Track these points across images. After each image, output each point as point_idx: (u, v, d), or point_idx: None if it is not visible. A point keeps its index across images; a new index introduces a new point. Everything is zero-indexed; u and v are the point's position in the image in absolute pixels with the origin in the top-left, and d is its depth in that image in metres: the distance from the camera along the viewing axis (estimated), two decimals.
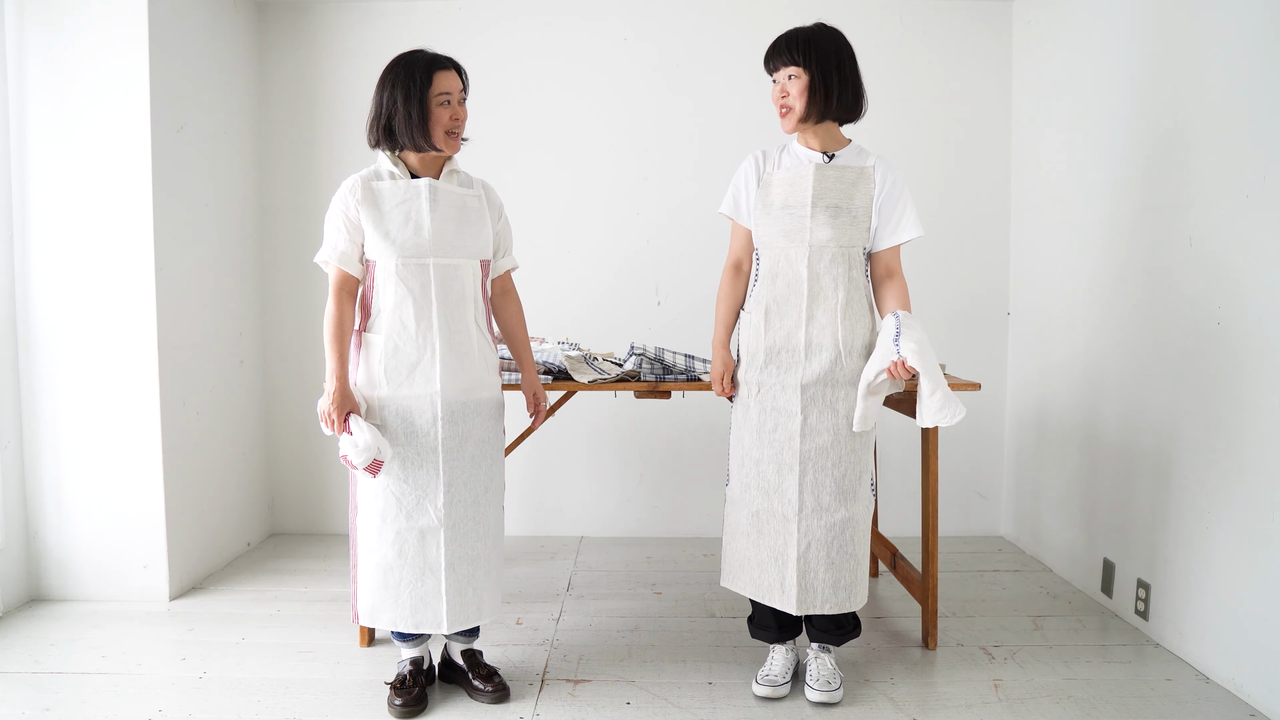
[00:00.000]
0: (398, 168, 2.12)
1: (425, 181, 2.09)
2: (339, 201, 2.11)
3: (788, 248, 2.17)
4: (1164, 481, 2.55)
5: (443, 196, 2.12)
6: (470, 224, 2.16)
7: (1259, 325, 2.18)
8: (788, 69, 2.12)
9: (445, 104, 2.07)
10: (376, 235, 2.08)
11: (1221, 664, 2.31)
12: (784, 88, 2.13)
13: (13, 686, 2.30)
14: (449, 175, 2.17)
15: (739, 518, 2.26)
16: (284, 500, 3.76)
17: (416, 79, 2.05)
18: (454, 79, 2.09)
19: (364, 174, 2.13)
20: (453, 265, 2.12)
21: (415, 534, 2.11)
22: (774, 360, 2.19)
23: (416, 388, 2.10)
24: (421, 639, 2.28)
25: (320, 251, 2.13)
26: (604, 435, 3.72)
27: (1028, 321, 3.52)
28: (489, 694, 2.22)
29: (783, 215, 2.17)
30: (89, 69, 2.81)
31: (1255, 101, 2.20)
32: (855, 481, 2.19)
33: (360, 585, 2.17)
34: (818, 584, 2.17)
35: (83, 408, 2.88)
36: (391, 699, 2.17)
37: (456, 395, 2.12)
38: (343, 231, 2.10)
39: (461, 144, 2.14)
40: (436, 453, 2.10)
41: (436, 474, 2.10)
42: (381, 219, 2.08)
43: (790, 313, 2.18)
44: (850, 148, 2.22)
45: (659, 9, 3.62)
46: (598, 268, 3.66)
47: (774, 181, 2.20)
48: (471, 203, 2.18)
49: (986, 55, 3.63)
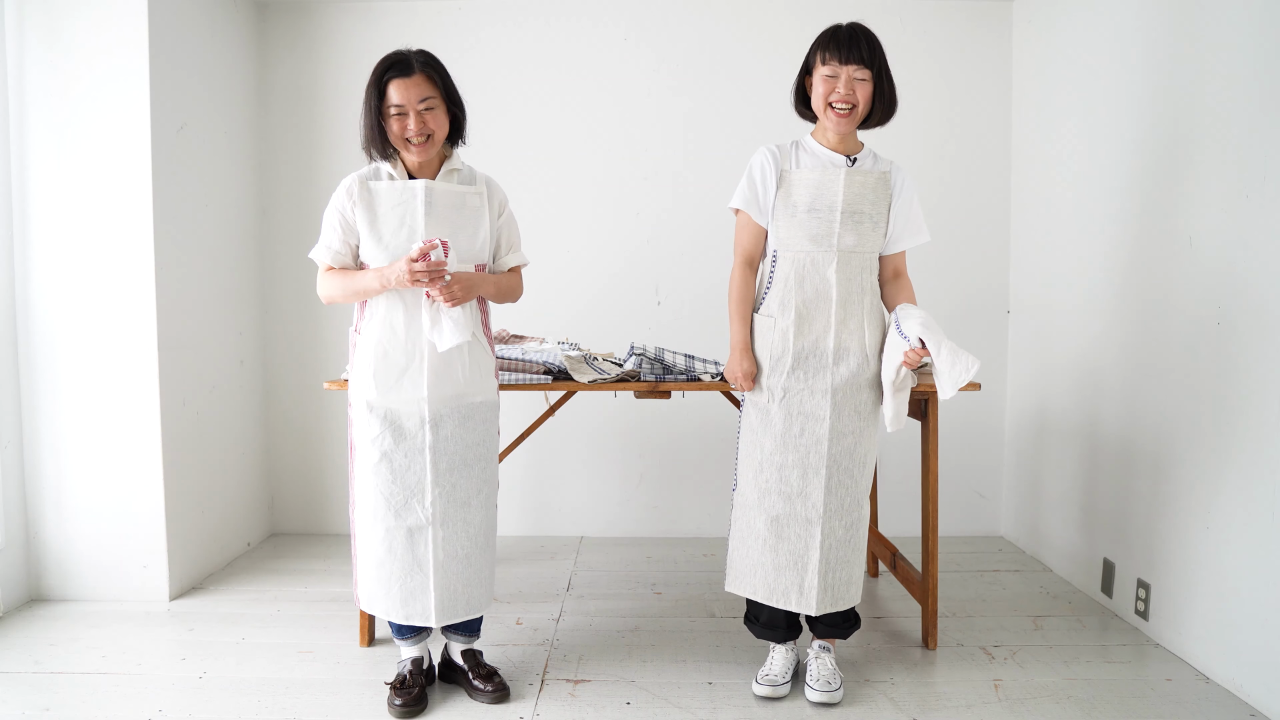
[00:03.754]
0: (396, 168, 2.11)
1: (421, 183, 2.07)
2: (336, 200, 2.11)
3: (815, 252, 2.15)
4: (1164, 481, 2.55)
5: (439, 198, 2.09)
6: (466, 226, 2.13)
7: (1259, 325, 2.18)
8: (858, 68, 2.06)
9: (399, 115, 2.02)
10: (370, 239, 2.08)
11: (1221, 664, 2.31)
12: (850, 85, 2.06)
13: (13, 686, 2.30)
14: (448, 174, 2.15)
15: (754, 523, 2.23)
16: (284, 500, 3.76)
17: (372, 91, 2.04)
18: (410, 88, 2.01)
19: (363, 173, 2.13)
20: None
21: (404, 532, 2.12)
22: (801, 365, 2.17)
23: (404, 393, 2.10)
24: (421, 638, 2.28)
25: (315, 248, 2.14)
26: (604, 435, 3.72)
27: (1028, 321, 3.52)
28: (489, 694, 2.22)
29: (809, 219, 2.13)
30: (89, 70, 2.81)
31: (1256, 101, 2.20)
32: (869, 482, 2.25)
33: (359, 573, 2.22)
34: (836, 584, 2.21)
35: (83, 408, 2.88)
36: (391, 699, 2.17)
37: (445, 400, 2.12)
38: (338, 231, 2.11)
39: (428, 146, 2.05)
40: (424, 455, 2.11)
41: (424, 475, 2.11)
42: (376, 221, 2.08)
43: (819, 317, 2.16)
44: (865, 151, 2.20)
45: (659, 10, 3.62)
46: (597, 268, 3.66)
47: (796, 181, 2.15)
48: (471, 201, 2.15)
49: (986, 55, 3.63)
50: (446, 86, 2.10)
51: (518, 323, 3.49)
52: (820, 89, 2.10)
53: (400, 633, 2.26)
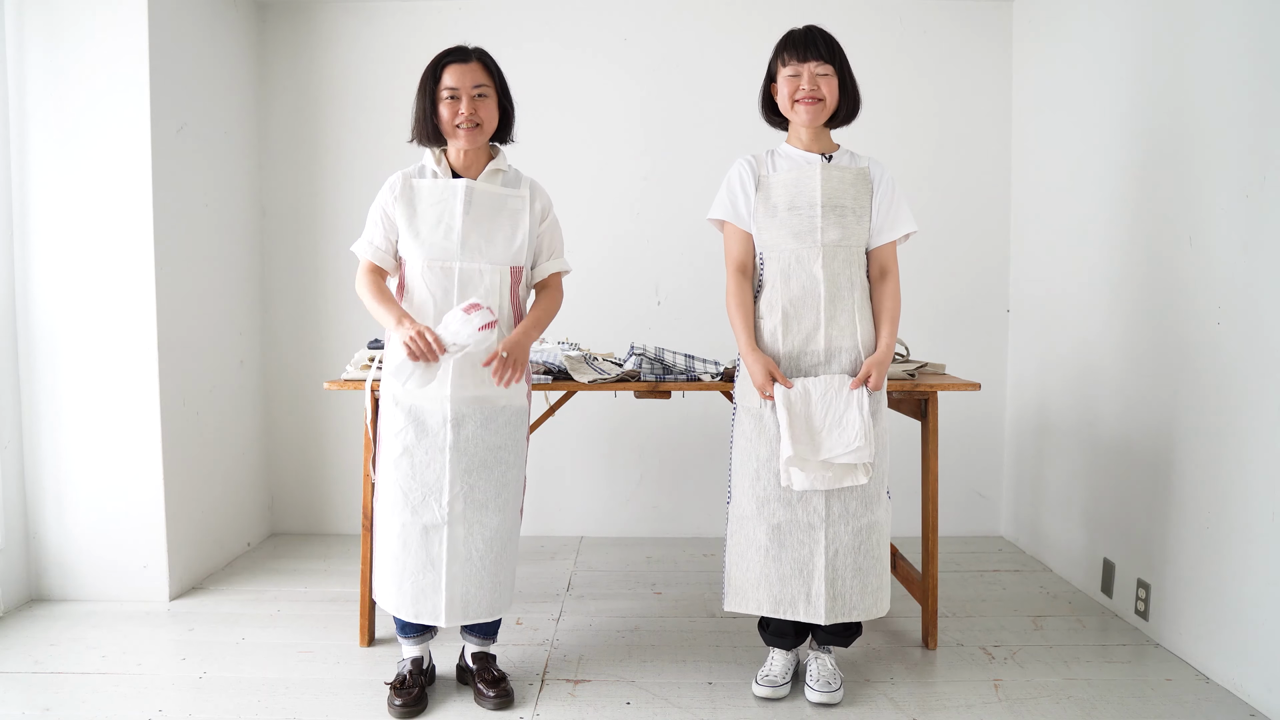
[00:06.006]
0: (440, 165, 2.15)
1: (463, 182, 2.11)
2: (381, 196, 2.16)
3: (799, 249, 2.15)
4: (1164, 481, 2.55)
5: (479, 198, 2.12)
6: (504, 228, 2.15)
7: (1259, 325, 2.18)
8: (819, 64, 2.11)
9: (451, 99, 2.08)
10: (408, 235, 2.12)
11: (1221, 664, 2.30)
12: (814, 80, 2.10)
13: (13, 686, 2.30)
14: (492, 175, 2.17)
15: (755, 535, 2.19)
16: (284, 500, 3.76)
17: (428, 77, 2.10)
18: (464, 73, 2.08)
19: (409, 170, 2.17)
20: (478, 270, 2.12)
21: (419, 529, 2.12)
22: (793, 366, 2.17)
23: (429, 389, 2.10)
24: (424, 638, 2.28)
25: (358, 241, 2.17)
26: (604, 435, 3.72)
27: (1027, 321, 3.52)
28: (491, 700, 2.20)
29: (790, 217, 2.15)
30: (89, 70, 2.80)
31: (1255, 101, 2.20)
32: (878, 486, 2.18)
33: (375, 566, 2.24)
34: (847, 592, 2.15)
35: (83, 408, 2.88)
36: (391, 699, 2.17)
37: (468, 400, 2.13)
38: (379, 227, 2.15)
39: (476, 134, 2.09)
40: (444, 453, 2.11)
41: (443, 474, 2.11)
42: (415, 218, 2.11)
43: (808, 315, 2.15)
44: (842, 150, 2.24)
45: (658, 10, 3.62)
46: (597, 268, 3.66)
47: (774, 183, 2.18)
48: (513, 204, 2.17)
49: (986, 55, 3.63)
50: (500, 80, 2.17)
51: None
52: (785, 89, 2.16)
53: (404, 631, 2.26)
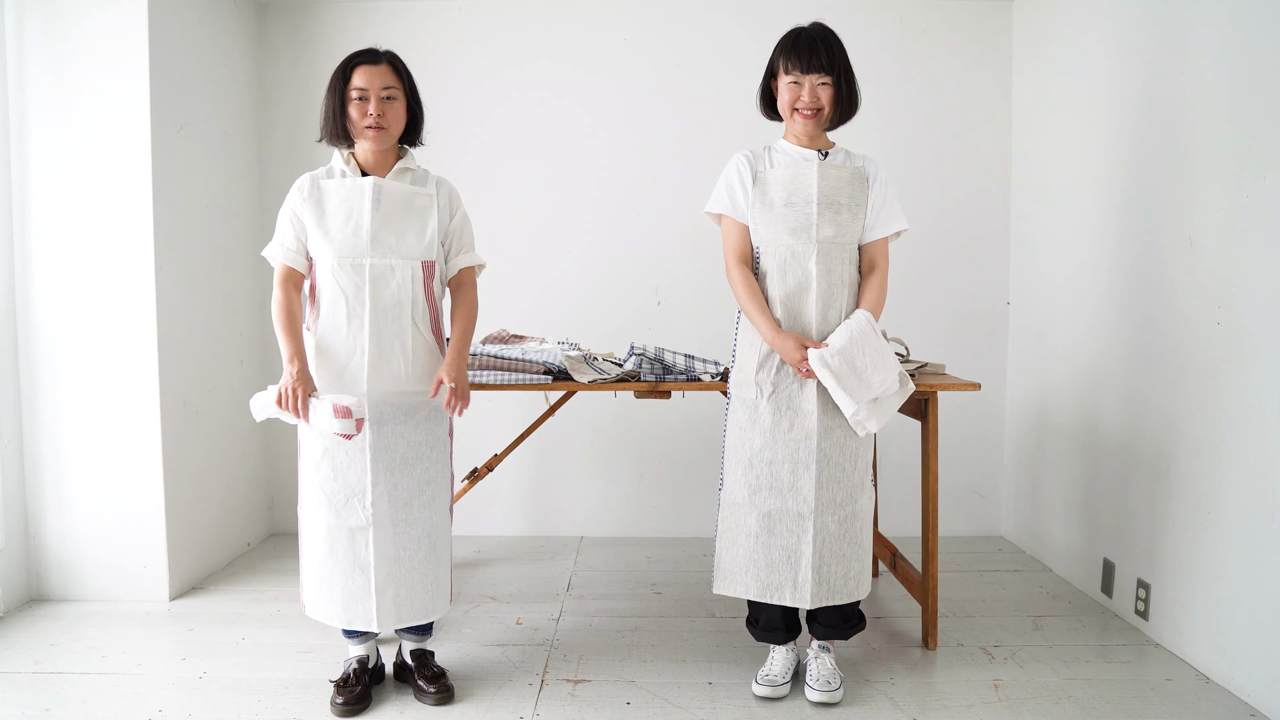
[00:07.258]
0: (349, 165, 2.16)
1: (370, 180, 2.11)
2: (290, 198, 2.16)
3: (795, 245, 2.17)
4: (1164, 481, 2.55)
5: (388, 196, 2.12)
6: (413, 224, 2.15)
7: (1258, 325, 2.18)
8: (820, 75, 2.13)
9: (360, 99, 2.09)
10: (318, 234, 2.12)
11: (1221, 664, 2.30)
12: (815, 92, 2.14)
13: (13, 686, 2.30)
14: (400, 173, 2.18)
15: (745, 521, 2.24)
16: (284, 500, 3.76)
17: (338, 75, 2.11)
18: (374, 74, 2.09)
19: (316, 172, 2.18)
20: (389, 266, 2.11)
21: (345, 532, 2.11)
22: None
23: (345, 388, 2.10)
24: (368, 638, 2.27)
25: (268, 246, 2.18)
26: (604, 435, 3.72)
27: (1027, 320, 3.52)
28: (433, 695, 2.20)
29: (786, 212, 2.17)
30: (89, 70, 2.80)
31: (1255, 101, 2.19)
32: (863, 475, 2.24)
33: (303, 572, 2.21)
34: (832, 578, 2.20)
35: (83, 408, 2.88)
36: (334, 697, 2.16)
37: (386, 398, 2.12)
38: (289, 228, 2.15)
39: (382, 136, 2.10)
40: (365, 454, 2.10)
41: (365, 474, 2.10)
42: (324, 217, 2.12)
43: (803, 310, 2.18)
44: (837, 148, 2.26)
45: (658, 10, 3.62)
46: (597, 268, 3.66)
47: (771, 179, 2.20)
48: (420, 201, 2.17)
49: (986, 55, 3.63)
50: (409, 83, 2.18)
51: (518, 322, 3.48)
52: (785, 95, 2.18)
53: (348, 631, 2.25)
